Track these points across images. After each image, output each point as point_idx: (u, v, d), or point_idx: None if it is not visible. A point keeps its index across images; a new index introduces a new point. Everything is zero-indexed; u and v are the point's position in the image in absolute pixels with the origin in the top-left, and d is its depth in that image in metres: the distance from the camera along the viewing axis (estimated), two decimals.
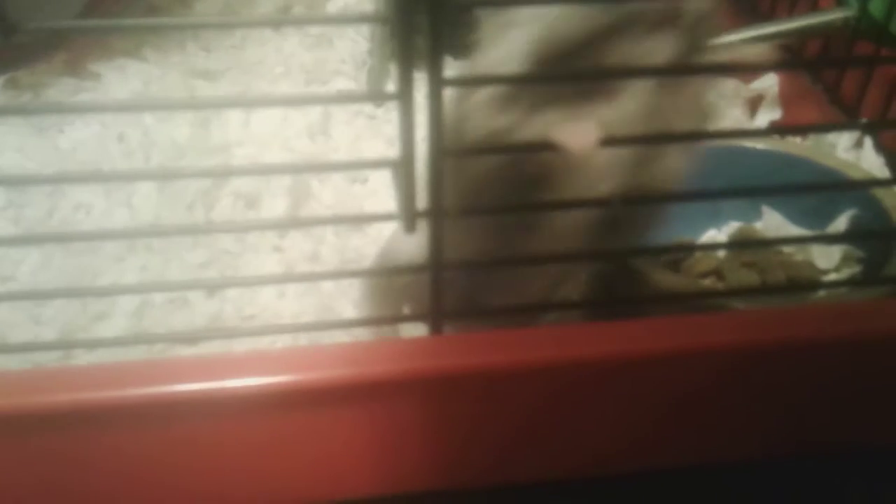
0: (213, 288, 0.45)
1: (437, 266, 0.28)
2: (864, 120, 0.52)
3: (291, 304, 0.45)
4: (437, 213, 0.27)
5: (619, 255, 0.39)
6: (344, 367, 0.29)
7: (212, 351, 0.42)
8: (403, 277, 0.33)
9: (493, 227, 0.33)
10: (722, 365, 0.33)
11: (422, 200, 0.28)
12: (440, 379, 0.30)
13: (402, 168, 0.26)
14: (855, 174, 0.45)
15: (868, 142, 0.50)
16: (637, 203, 0.33)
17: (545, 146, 0.28)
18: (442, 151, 0.26)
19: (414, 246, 0.30)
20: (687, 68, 0.32)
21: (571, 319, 0.37)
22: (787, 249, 0.46)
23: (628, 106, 0.31)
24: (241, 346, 0.41)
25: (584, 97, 0.31)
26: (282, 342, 0.41)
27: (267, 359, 0.30)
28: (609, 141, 0.28)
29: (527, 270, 0.33)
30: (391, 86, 0.63)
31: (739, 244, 0.45)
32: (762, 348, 0.32)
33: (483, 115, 0.31)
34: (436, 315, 0.30)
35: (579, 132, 0.28)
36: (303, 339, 0.41)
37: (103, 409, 0.29)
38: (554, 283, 0.36)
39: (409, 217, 0.27)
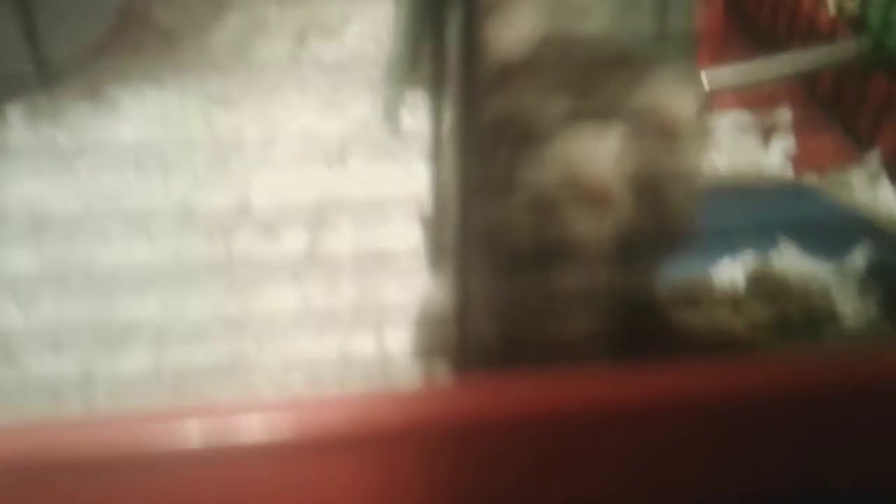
0: (232, 323, 0.46)
1: (462, 309, 0.29)
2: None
3: (310, 341, 0.45)
4: (463, 266, 0.27)
5: (638, 289, 0.39)
6: (350, 415, 0.30)
7: (232, 387, 0.42)
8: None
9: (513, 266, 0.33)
10: (742, 410, 0.33)
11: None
12: (444, 427, 0.30)
13: (432, 219, 0.26)
14: (871, 210, 0.46)
15: (883, 177, 0.51)
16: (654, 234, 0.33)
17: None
18: (469, 195, 0.26)
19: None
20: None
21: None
22: (803, 283, 0.46)
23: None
24: (261, 381, 0.42)
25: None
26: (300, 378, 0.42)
27: (272, 407, 0.30)
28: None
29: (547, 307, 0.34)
30: (406, 114, 0.64)
31: (756, 281, 0.45)
32: (787, 394, 0.32)
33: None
34: (463, 358, 0.30)
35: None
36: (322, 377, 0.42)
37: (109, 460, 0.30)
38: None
39: (435, 257, 0.27)
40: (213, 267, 0.48)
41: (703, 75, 0.54)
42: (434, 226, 0.26)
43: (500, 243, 0.32)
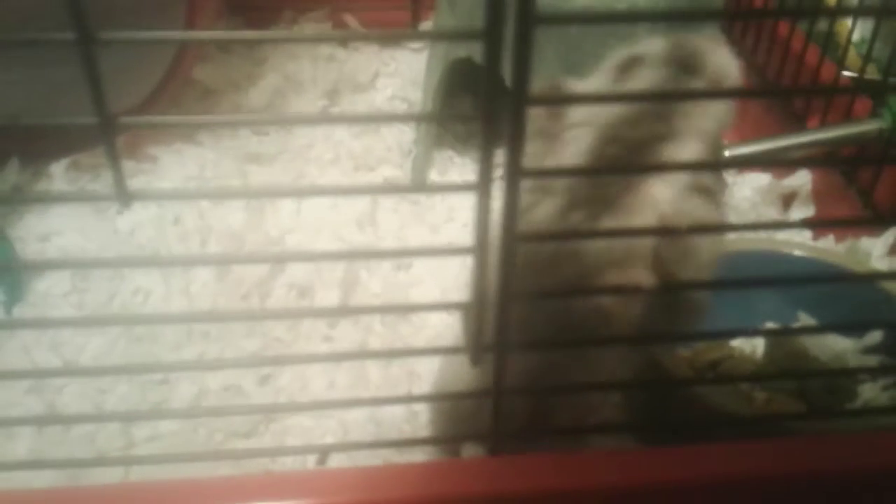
0: (266, 378, 0.47)
1: (498, 394, 0.30)
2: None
3: (340, 394, 0.46)
4: (502, 346, 0.29)
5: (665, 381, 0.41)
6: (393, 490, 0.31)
7: (264, 442, 0.44)
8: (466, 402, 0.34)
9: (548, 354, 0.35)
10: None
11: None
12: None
13: (473, 308, 0.28)
14: (890, 285, 0.47)
15: None
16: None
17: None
18: (509, 290, 0.27)
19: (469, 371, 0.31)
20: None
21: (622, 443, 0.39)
22: (824, 359, 0.47)
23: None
24: (291, 439, 0.43)
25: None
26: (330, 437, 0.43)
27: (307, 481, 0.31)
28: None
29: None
30: (434, 174, 0.66)
31: (776, 353, 0.46)
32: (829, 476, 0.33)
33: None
34: (497, 438, 0.32)
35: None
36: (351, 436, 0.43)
37: None
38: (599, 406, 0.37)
39: (476, 351, 0.29)
40: (248, 323, 0.49)
41: (734, 149, 0.55)
42: (473, 313, 0.28)
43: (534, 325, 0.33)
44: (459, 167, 0.67)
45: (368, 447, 0.37)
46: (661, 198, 0.35)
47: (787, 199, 0.62)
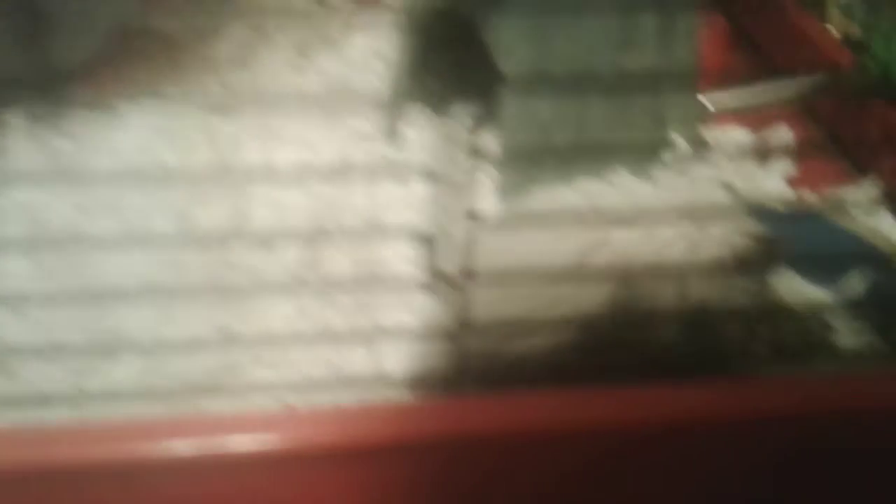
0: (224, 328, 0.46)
1: (462, 333, 0.29)
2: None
3: (308, 353, 0.45)
4: (465, 279, 0.27)
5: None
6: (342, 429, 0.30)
7: (223, 401, 0.42)
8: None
9: None
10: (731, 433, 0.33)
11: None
12: (436, 442, 0.30)
13: (435, 236, 0.26)
14: (868, 234, 0.46)
15: (881, 200, 0.51)
16: None
17: None
18: (475, 217, 0.26)
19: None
20: None
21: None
22: (799, 309, 0.46)
23: None
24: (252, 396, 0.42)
25: None
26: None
27: (261, 420, 0.30)
28: None
29: None
30: (408, 126, 0.64)
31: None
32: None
33: None
34: (462, 379, 0.30)
35: None
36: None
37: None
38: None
39: (437, 283, 0.27)
40: (209, 280, 0.48)
41: (705, 98, 0.54)
42: (435, 247, 0.26)
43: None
44: (435, 122, 0.65)
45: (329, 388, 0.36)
46: None
47: (766, 153, 0.61)
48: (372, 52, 0.72)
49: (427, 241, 0.27)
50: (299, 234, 0.50)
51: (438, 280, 0.28)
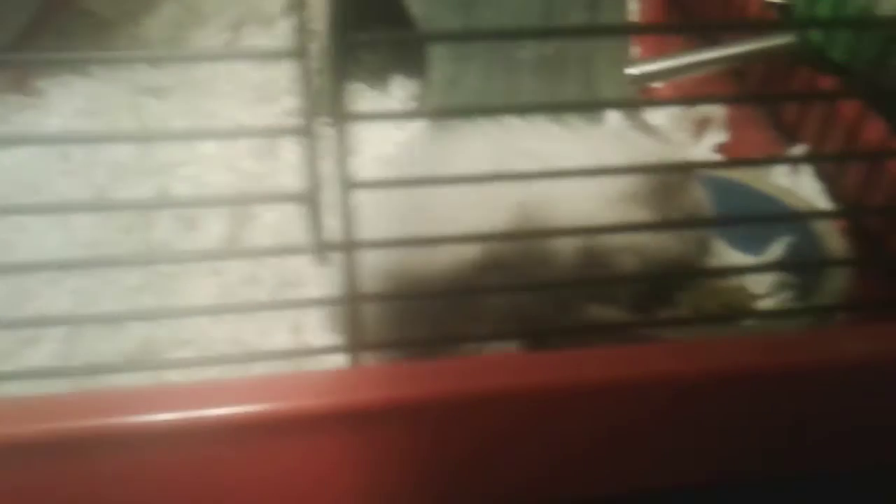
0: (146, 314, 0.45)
1: (352, 298, 0.28)
2: (801, 148, 0.53)
3: (229, 329, 0.44)
4: (349, 246, 0.27)
5: (553, 286, 0.39)
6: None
7: (142, 379, 0.41)
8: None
9: None
10: (657, 395, 0.33)
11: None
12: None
13: (309, 201, 0.26)
14: (791, 201, 0.46)
15: (805, 168, 0.51)
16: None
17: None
18: (350, 183, 0.26)
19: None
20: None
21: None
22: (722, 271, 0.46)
23: None
24: (174, 373, 0.41)
25: None
26: (214, 371, 0.41)
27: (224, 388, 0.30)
28: None
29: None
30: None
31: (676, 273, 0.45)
32: (698, 378, 0.32)
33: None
34: (354, 347, 0.30)
35: None
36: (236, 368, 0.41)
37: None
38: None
39: (319, 249, 0.27)
40: (130, 257, 0.47)
41: (637, 68, 0.54)
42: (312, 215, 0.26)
43: None
44: (370, 101, 0.65)
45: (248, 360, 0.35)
46: None
47: (701, 125, 0.61)
48: (306, 30, 0.71)
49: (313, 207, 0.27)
50: (224, 211, 0.50)
51: (328, 247, 0.27)
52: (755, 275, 0.45)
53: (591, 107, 0.48)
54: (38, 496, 0.31)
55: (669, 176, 0.34)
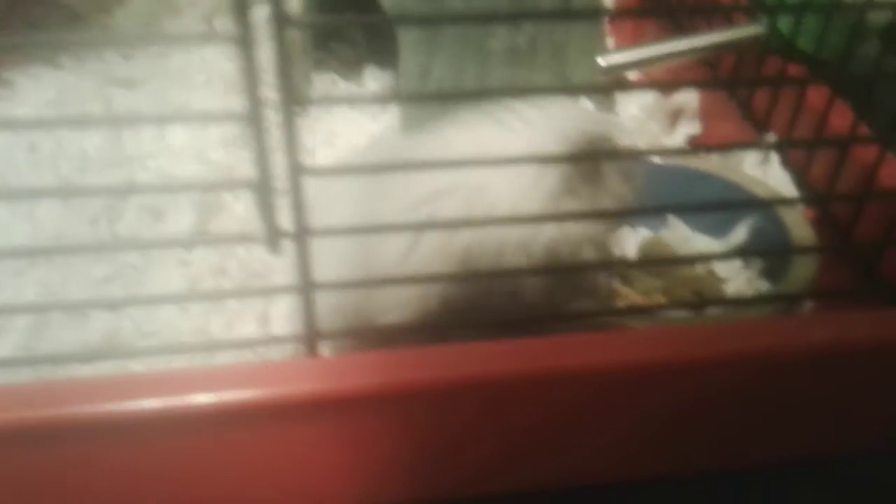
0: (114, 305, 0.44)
1: (307, 287, 0.28)
2: (772, 138, 0.53)
3: (195, 320, 0.44)
4: (302, 234, 0.27)
5: (525, 272, 0.39)
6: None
7: (106, 369, 0.41)
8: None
9: None
10: (618, 382, 0.33)
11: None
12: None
13: (261, 188, 0.25)
14: (759, 190, 0.46)
15: (775, 157, 0.51)
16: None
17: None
18: (300, 169, 0.26)
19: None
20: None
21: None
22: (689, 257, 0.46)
23: None
24: (138, 364, 0.41)
25: None
26: (179, 362, 0.41)
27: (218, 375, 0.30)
28: None
29: None
30: (312, 94, 0.63)
31: (646, 262, 0.46)
32: (669, 366, 0.32)
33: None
34: (311, 336, 0.30)
35: None
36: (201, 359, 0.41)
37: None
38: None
39: (271, 238, 0.26)
40: (96, 247, 0.46)
41: (607, 58, 0.54)
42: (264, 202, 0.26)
43: None
44: (343, 91, 0.64)
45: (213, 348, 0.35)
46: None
47: (674, 117, 0.61)
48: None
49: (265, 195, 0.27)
50: (191, 203, 0.49)
51: (282, 235, 0.27)
52: (723, 261, 0.45)
53: (561, 91, 0.48)
54: (3, 484, 0.31)
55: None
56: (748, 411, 0.36)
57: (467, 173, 0.31)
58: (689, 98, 0.60)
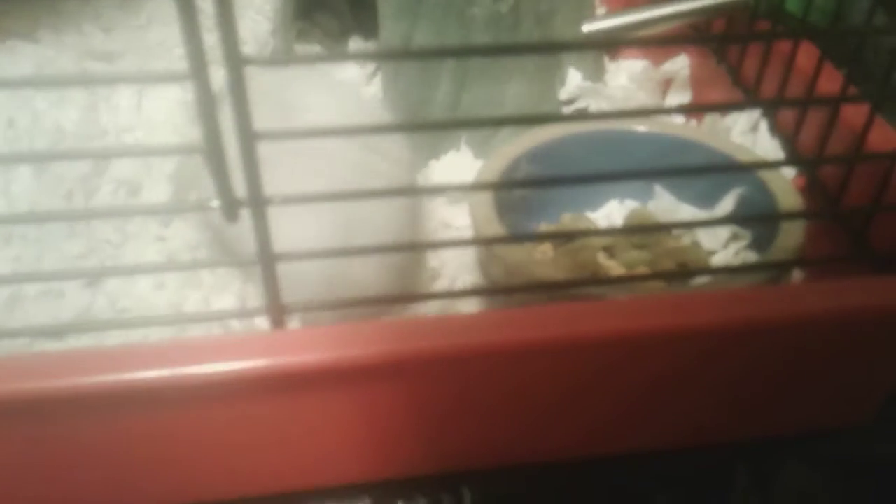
0: (90, 279, 0.44)
1: (267, 258, 0.27)
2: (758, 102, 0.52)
3: (171, 296, 0.43)
4: (258, 202, 0.26)
5: (497, 241, 0.38)
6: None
7: (81, 344, 0.40)
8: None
9: None
10: (610, 354, 0.32)
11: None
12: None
13: (210, 153, 0.24)
14: (745, 157, 0.45)
15: (763, 125, 0.50)
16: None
17: None
18: (251, 134, 0.25)
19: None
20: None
21: None
22: (676, 232, 0.45)
23: None
24: (112, 339, 0.40)
25: None
26: (155, 335, 0.40)
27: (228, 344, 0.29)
28: None
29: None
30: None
31: (631, 229, 0.45)
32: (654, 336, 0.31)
33: None
34: (275, 308, 0.29)
35: None
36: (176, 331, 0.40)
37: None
38: None
39: (227, 207, 0.26)
40: (72, 222, 0.46)
41: (593, 24, 0.52)
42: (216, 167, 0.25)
43: None
44: (328, 64, 0.63)
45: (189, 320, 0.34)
46: None
47: (665, 85, 0.60)
48: None
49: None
50: (167, 175, 0.48)
51: (238, 204, 0.26)
52: (709, 230, 0.44)
53: (544, 49, 0.47)
54: None
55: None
56: (735, 383, 0.36)
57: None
58: (679, 66, 0.59)
